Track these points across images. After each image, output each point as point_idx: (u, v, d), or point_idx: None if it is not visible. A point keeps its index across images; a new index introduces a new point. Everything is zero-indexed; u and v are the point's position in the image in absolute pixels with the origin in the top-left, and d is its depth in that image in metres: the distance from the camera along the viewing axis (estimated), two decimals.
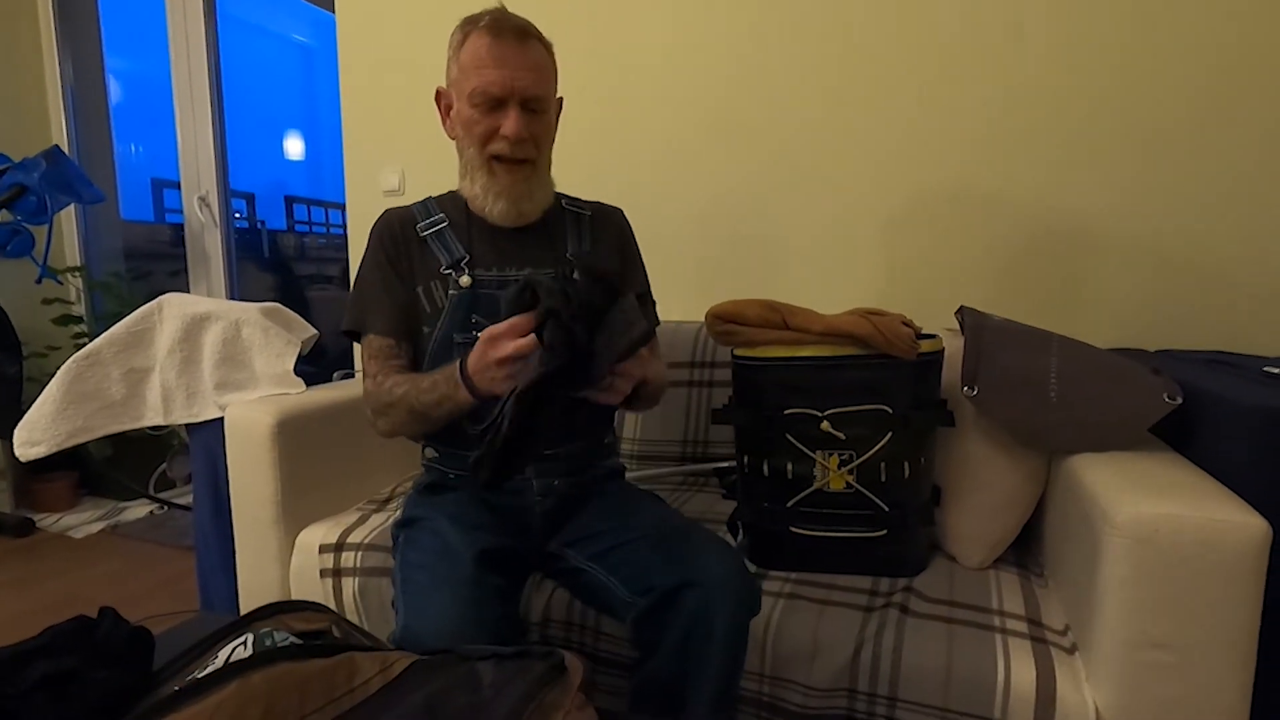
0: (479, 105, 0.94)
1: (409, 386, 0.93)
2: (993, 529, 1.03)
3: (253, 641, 0.62)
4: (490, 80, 0.92)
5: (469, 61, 0.93)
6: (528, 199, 1.00)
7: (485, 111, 0.94)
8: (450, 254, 1.00)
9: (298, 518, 1.18)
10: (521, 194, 0.99)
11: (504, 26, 0.92)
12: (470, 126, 0.96)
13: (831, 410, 0.99)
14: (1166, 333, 1.28)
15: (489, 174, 0.98)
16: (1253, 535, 0.69)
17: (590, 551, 0.93)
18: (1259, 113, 1.20)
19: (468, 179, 1.01)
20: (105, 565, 2.01)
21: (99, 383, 1.35)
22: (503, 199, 0.99)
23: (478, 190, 0.99)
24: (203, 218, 2.55)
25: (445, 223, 1.02)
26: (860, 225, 1.48)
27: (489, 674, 0.57)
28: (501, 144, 0.95)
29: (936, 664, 0.82)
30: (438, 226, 1.02)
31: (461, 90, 0.95)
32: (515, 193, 0.99)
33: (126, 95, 2.97)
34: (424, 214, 1.03)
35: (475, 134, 0.96)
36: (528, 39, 0.94)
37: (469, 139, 0.97)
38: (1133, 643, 0.73)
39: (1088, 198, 1.32)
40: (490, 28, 0.92)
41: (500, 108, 0.94)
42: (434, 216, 1.03)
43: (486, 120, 0.95)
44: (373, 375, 0.99)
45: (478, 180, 0.99)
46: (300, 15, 3.71)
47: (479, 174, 0.99)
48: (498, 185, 0.98)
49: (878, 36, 1.42)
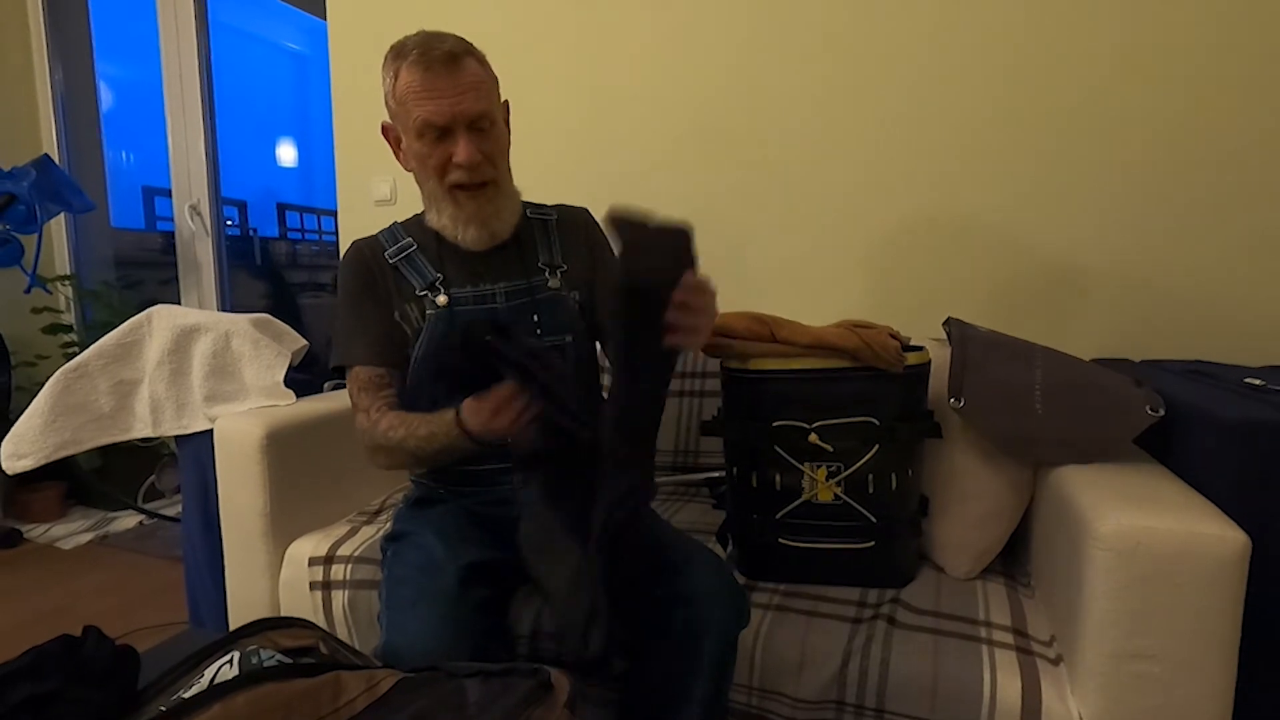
0: (426, 138, 0.93)
1: (405, 433, 0.92)
2: (980, 539, 1.04)
3: (238, 660, 0.62)
4: (431, 112, 0.90)
5: (406, 96, 0.92)
6: (496, 219, 0.99)
7: (433, 143, 0.93)
8: (423, 277, 1.00)
9: (287, 530, 1.18)
10: (489, 215, 0.98)
11: (432, 56, 0.90)
12: (423, 160, 0.95)
13: (819, 422, 0.99)
14: (1149, 343, 1.29)
15: (454, 204, 0.97)
16: (1232, 547, 0.70)
17: None
18: (1227, 139, 1.23)
19: (434, 211, 1.00)
20: (93, 576, 2.00)
21: (87, 395, 1.34)
22: (473, 225, 0.98)
23: (446, 221, 0.98)
24: (194, 226, 2.55)
25: (413, 247, 1.01)
26: (846, 237, 1.49)
27: (475, 692, 0.57)
28: (458, 173, 0.94)
29: (923, 675, 0.83)
30: (406, 252, 1.01)
31: (406, 125, 0.94)
32: (483, 216, 0.98)
33: (118, 102, 2.96)
34: (391, 240, 1.02)
35: (430, 167, 0.95)
36: (458, 61, 0.92)
37: (425, 172, 0.96)
38: (1116, 654, 0.74)
39: (1069, 214, 1.33)
40: (419, 60, 0.90)
41: (447, 136, 0.93)
42: (401, 242, 1.02)
43: (437, 152, 0.93)
44: (365, 409, 0.97)
45: (444, 211, 0.98)
46: (293, 22, 3.71)
47: (444, 205, 0.98)
48: (465, 213, 0.97)
49: (864, 54, 1.44)
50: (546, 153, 1.71)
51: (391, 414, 0.96)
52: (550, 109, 1.71)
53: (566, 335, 1.02)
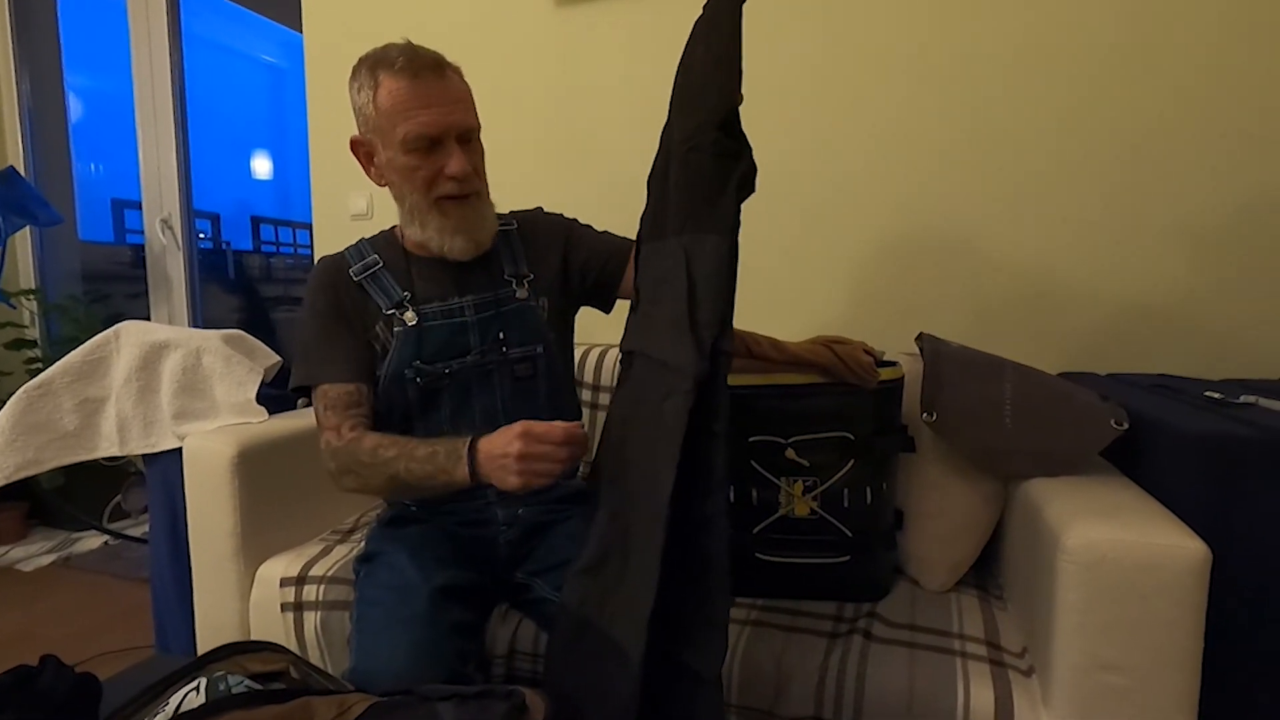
0: (416, 150, 0.90)
1: (398, 451, 0.88)
2: (953, 552, 1.05)
3: (205, 686, 0.61)
4: (424, 123, 0.89)
5: (392, 106, 0.89)
6: (481, 228, 0.98)
7: (424, 155, 0.91)
8: (389, 296, 0.98)
9: (258, 550, 1.16)
10: (475, 225, 0.97)
11: (420, 65, 0.89)
12: (410, 174, 0.92)
13: (795, 438, 1.00)
14: (1113, 357, 1.33)
15: (441, 214, 0.95)
16: (1193, 558, 0.72)
17: (558, 581, 0.92)
18: (1193, 161, 1.27)
19: (415, 225, 0.97)
20: (56, 599, 1.94)
21: (50, 413, 1.31)
22: (460, 235, 0.96)
23: (431, 233, 0.96)
24: (165, 239, 2.51)
25: (379, 265, 1.00)
26: (821, 253, 1.51)
27: (448, 715, 0.57)
28: (450, 184, 0.93)
29: (899, 689, 0.84)
30: (371, 270, 0.99)
31: (389, 138, 0.91)
32: (470, 225, 0.97)
33: (87, 113, 2.91)
34: (357, 257, 1.01)
35: (418, 179, 0.92)
36: (444, 71, 0.91)
37: (410, 185, 0.93)
38: (1085, 665, 0.75)
39: (1039, 232, 1.37)
40: (407, 69, 0.88)
41: (438, 148, 0.91)
42: (367, 259, 1.00)
43: (427, 164, 0.91)
44: (334, 428, 0.94)
45: (429, 223, 0.96)
46: (269, 36, 3.69)
47: (429, 217, 0.95)
48: (452, 223, 0.95)
49: (839, 71, 1.47)
50: (520, 164, 1.72)
51: (377, 434, 0.92)
52: (523, 122, 1.72)
53: (536, 346, 1.02)
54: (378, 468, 0.89)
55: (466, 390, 0.98)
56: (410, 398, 0.98)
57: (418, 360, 0.96)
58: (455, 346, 0.98)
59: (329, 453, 0.94)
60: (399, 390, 0.97)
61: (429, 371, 0.97)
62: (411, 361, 0.96)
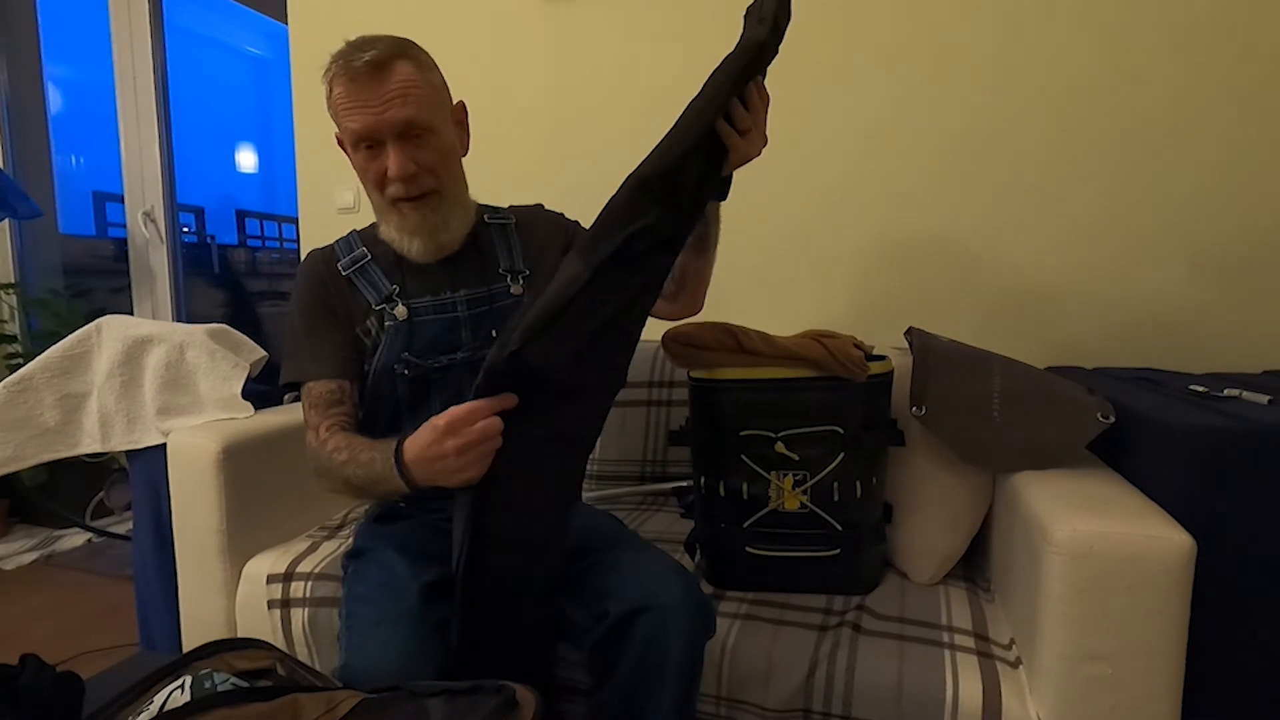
0: (360, 151, 0.90)
1: (347, 457, 0.86)
2: (942, 545, 1.06)
3: (190, 684, 0.60)
4: (358, 125, 0.88)
5: (336, 109, 0.90)
6: (443, 230, 0.96)
7: (368, 157, 0.90)
8: (378, 290, 0.97)
9: (244, 547, 1.15)
10: (435, 227, 0.95)
11: (354, 68, 0.87)
12: (362, 174, 0.93)
13: (785, 431, 1.00)
14: (1100, 351, 1.34)
15: (399, 215, 0.93)
16: (1178, 550, 0.72)
17: None
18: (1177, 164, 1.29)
19: (383, 223, 0.97)
20: (38, 598, 1.91)
21: (31, 409, 1.29)
22: (418, 238, 0.94)
23: (394, 233, 0.95)
24: (148, 233, 2.47)
25: (367, 258, 0.98)
26: (812, 249, 1.52)
27: (439, 711, 0.56)
28: (395, 185, 0.91)
29: (888, 682, 0.84)
30: (360, 263, 0.98)
31: (344, 139, 0.92)
32: (428, 228, 0.94)
33: (67, 105, 2.86)
34: (345, 250, 0.99)
35: (369, 180, 0.92)
36: (384, 67, 0.87)
37: (367, 186, 0.94)
38: (1072, 656, 0.76)
39: (1028, 228, 1.37)
40: (343, 71, 0.87)
41: (379, 148, 0.89)
42: (355, 252, 0.99)
43: (373, 165, 0.91)
44: (314, 427, 0.93)
45: (390, 222, 0.95)
46: (254, 27, 3.64)
47: (390, 216, 0.95)
48: (409, 225, 0.94)
49: (834, 69, 1.47)
50: (512, 156, 1.71)
51: (341, 434, 0.90)
52: (516, 113, 1.70)
53: None
54: (334, 471, 0.87)
55: (458, 386, 0.97)
56: (400, 393, 0.97)
57: (406, 353, 0.96)
58: (446, 342, 0.97)
59: (309, 453, 0.93)
60: (388, 385, 0.96)
61: (418, 365, 0.96)
62: (400, 355, 0.95)
